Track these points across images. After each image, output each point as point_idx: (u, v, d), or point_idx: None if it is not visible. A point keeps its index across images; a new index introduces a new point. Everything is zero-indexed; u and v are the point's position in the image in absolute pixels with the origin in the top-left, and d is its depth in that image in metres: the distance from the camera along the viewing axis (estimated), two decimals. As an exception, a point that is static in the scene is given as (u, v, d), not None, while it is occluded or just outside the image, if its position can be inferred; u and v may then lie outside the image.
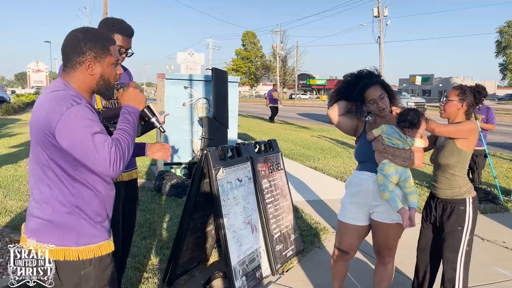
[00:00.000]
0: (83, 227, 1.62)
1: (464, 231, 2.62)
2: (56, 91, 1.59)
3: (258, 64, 68.30)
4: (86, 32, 1.66)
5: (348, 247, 2.76)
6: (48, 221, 1.60)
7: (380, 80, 2.66)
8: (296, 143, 11.57)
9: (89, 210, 1.64)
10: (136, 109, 1.75)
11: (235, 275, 3.00)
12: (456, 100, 2.65)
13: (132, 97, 1.76)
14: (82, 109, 1.53)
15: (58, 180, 1.59)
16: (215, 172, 2.97)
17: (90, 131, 1.50)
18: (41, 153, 1.59)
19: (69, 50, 1.63)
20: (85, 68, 1.63)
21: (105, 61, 1.67)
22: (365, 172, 2.66)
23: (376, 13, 39.24)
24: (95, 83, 1.67)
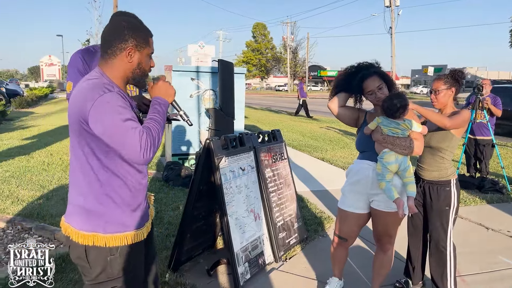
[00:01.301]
0: (112, 216, 1.67)
1: (451, 210, 2.79)
2: (91, 80, 1.63)
3: (269, 56, 68.11)
4: (129, 21, 1.70)
5: (348, 234, 2.81)
6: (80, 207, 1.66)
7: (378, 71, 2.68)
8: (304, 134, 11.59)
9: (119, 199, 1.68)
10: (166, 101, 1.79)
11: (238, 261, 3.08)
12: (445, 89, 2.79)
13: (163, 90, 1.80)
14: (114, 96, 1.57)
15: (90, 168, 1.64)
16: (217, 161, 3.04)
17: (121, 118, 1.54)
18: (76, 141, 1.64)
19: (112, 36, 1.66)
20: (126, 55, 1.67)
21: (143, 50, 1.71)
22: (366, 161, 2.70)
23: (388, 3, 38.76)
24: (131, 71, 1.71)
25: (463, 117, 2.71)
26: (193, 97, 6.29)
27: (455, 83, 2.80)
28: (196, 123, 6.36)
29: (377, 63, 2.75)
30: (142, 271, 1.84)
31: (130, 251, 1.72)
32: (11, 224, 3.99)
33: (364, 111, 2.84)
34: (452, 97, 2.83)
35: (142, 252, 1.80)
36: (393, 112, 2.53)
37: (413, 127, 2.54)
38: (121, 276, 1.72)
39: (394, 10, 38.85)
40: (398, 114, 2.52)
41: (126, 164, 1.68)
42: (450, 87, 2.79)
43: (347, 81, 2.75)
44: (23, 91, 26.99)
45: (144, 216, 1.80)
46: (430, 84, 3.25)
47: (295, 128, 13.10)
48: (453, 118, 2.69)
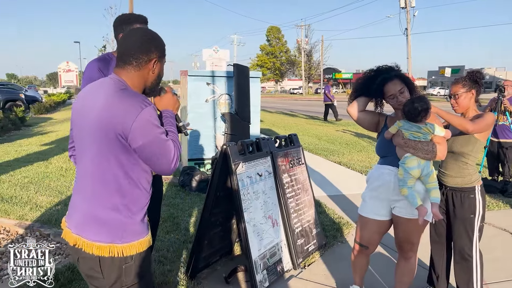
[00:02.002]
0: (129, 225, 1.67)
1: (476, 218, 2.68)
2: (123, 90, 1.63)
3: (283, 59, 68.07)
4: (153, 34, 1.77)
5: (368, 241, 2.74)
6: (96, 217, 1.64)
7: (400, 74, 2.61)
8: (320, 137, 11.49)
9: (136, 209, 1.69)
10: (173, 113, 1.89)
11: (256, 268, 3.03)
12: (464, 92, 2.68)
13: (171, 102, 1.89)
14: (153, 111, 1.62)
15: (114, 179, 1.62)
16: (234, 167, 3.00)
17: (159, 131, 1.61)
18: (104, 152, 1.61)
19: (138, 49, 1.68)
20: (151, 66, 1.71)
21: (163, 61, 1.78)
22: (387, 166, 2.63)
23: (403, 4, 38.43)
24: (151, 81, 1.75)
25: (487, 121, 2.60)
26: (208, 102, 6.27)
27: (474, 84, 2.69)
28: (212, 128, 6.34)
29: (397, 66, 2.67)
30: (152, 274, 1.88)
31: (144, 256, 1.73)
32: (30, 231, 4.01)
33: (385, 115, 2.77)
34: (473, 100, 2.72)
35: (150, 256, 1.83)
36: (414, 116, 2.45)
37: (435, 131, 2.46)
38: (136, 283, 1.72)
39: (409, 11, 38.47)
40: (419, 118, 2.44)
41: (146, 173, 1.70)
42: (469, 89, 2.68)
43: (366, 85, 2.68)
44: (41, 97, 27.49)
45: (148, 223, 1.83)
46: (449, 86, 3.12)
47: (311, 131, 13.00)
48: (476, 122, 2.59)
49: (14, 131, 12.46)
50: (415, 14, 38.52)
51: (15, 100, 19.44)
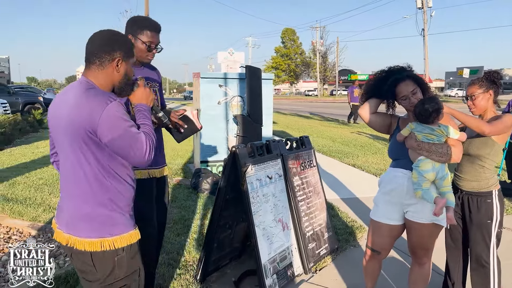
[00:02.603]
0: (117, 219, 1.74)
1: (493, 224, 2.57)
2: (89, 89, 1.70)
3: (298, 61, 67.84)
4: (116, 33, 1.83)
5: (381, 246, 2.67)
6: (84, 215, 1.71)
7: (412, 75, 2.54)
8: (335, 139, 11.38)
9: (121, 202, 1.76)
10: (148, 106, 1.94)
11: (266, 273, 2.98)
12: (481, 92, 2.58)
13: (144, 96, 1.93)
14: (119, 105, 1.68)
15: (93, 176, 1.69)
16: (243, 170, 2.96)
17: (127, 125, 1.66)
18: (78, 150, 1.68)
19: (101, 49, 1.75)
20: (114, 65, 1.76)
21: (129, 61, 1.83)
22: (400, 169, 2.55)
23: (420, 4, 38.00)
24: (118, 80, 1.81)
25: (505, 123, 2.49)
26: (221, 104, 6.25)
27: (492, 85, 2.59)
28: (224, 130, 6.32)
29: (409, 66, 2.60)
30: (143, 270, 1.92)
31: (133, 248, 1.80)
32: (42, 232, 4.04)
33: (397, 117, 2.70)
34: (491, 101, 2.61)
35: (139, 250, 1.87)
36: (426, 117, 2.37)
37: (450, 134, 2.37)
38: (129, 275, 1.80)
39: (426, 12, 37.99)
40: (431, 119, 2.37)
41: (126, 168, 1.78)
42: (487, 90, 2.58)
43: (378, 86, 2.61)
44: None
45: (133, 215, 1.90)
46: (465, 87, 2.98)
47: (325, 133, 12.89)
48: (493, 124, 2.48)
49: (32, 133, 12.66)
50: (432, 14, 38.02)
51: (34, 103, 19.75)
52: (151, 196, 2.64)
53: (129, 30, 2.54)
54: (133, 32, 2.51)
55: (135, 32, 2.51)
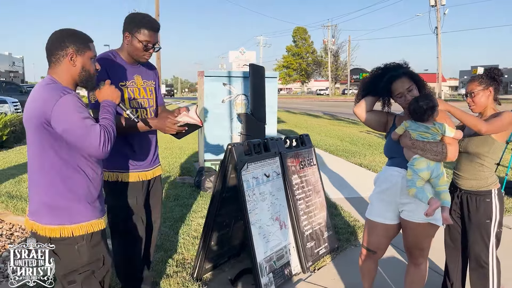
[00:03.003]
0: (75, 208, 1.82)
1: (492, 224, 2.52)
2: (48, 85, 1.80)
3: (309, 60, 67.69)
4: (68, 30, 1.91)
5: (376, 246, 2.63)
6: (44, 204, 1.80)
7: (408, 71, 2.49)
8: (343, 139, 11.31)
9: (80, 192, 1.84)
10: (113, 103, 2.00)
11: (261, 271, 2.96)
12: (481, 89, 2.51)
13: (109, 93, 2.00)
14: (73, 98, 1.76)
15: (52, 166, 1.78)
16: (239, 167, 2.94)
17: (81, 116, 1.72)
18: (38, 142, 1.78)
19: (53, 47, 1.85)
20: (68, 60, 1.84)
21: (85, 54, 1.88)
22: (395, 168, 2.52)
23: (433, 2, 37.51)
24: (78, 74, 1.88)
25: (503, 120, 2.42)
26: (225, 102, 6.25)
27: (492, 81, 2.52)
28: (228, 128, 6.31)
29: (405, 63, 2.55)
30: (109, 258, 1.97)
31: (94, 238, 1.87)
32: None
33: (393, 114, 2.66)
34: (491, 98, 2.54)
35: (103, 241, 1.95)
36: (420, 115, 2.33)
37: (445, 132, 2.32)
38: (92, 262, 1.87)
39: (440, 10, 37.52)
40: (426, 117, 2.32)
41: (87, 160, 1.84)
42: (487, 87, 2.51)
43: (373, 84, 2.57)
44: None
45: (101, 208, 1.97)
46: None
47: (334, 132, 12.82)
48: (491, 122, 2.42)
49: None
50: (445, 12, 37.53)
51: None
52: (140, 197, 2.63)
53: (127, 27, 2.47)
54: (130, 30, 2.44)
55: (132, 30, 2.44)
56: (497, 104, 2.63)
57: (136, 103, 2.57)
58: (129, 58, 2.54)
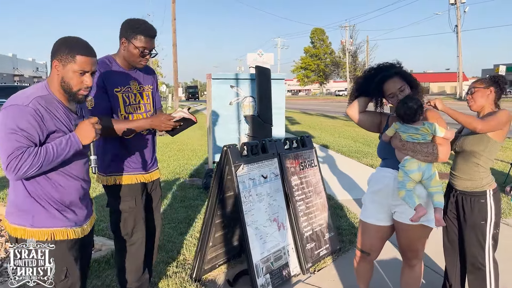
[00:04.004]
0: (38, 212, 1.81)
1: (488, 225, 2.48)
2: (27, 90, 1.81)
3: (327, 61, 67.32)
4: (65, 39, 1.85)
5: (370, 248, 2.61)
6: (13, 203, 1.84)
7: (400, 71, 2.47)
8: (356, 140, 11.21)
9: (46, 198, 1.82)
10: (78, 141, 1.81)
11: (257, 272, 2.97)
12: (482, 87, 2.50)
13: (82, 131, 1.82)
14: (19, 110, 1.68)
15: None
16: (235, 169, 2.96)
17: (8, 131, 1.66)
18: None
19: (50, 53, 1.84)
20: (54, 68, 1.82)
21: (67, 66, 1.79)
22: (387, 169, 2.50)
23: (453, 0, 36.82)
24: (59, 83, 1.82)
25: (499, 119, 2.39)
26: (232, 105, 6.28)
27: (494, 84, 2.52)
28: (236, 130, 6.33)
29: (398, 63, 2.53)
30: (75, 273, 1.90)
31: (59, 246, 1.82)
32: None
33: (387, 114, 2.64)
34: (491, 99, 2.52)
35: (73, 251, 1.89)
36: (409, 116, 2.31)
37: (435, 132, 2.29)
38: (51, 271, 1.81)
39: (459, 7, 36.82)
40: (416, 118, 2.30)
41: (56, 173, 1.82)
42: (488, 87, 2.50)
43: (366, 85, 2.56)
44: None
45: (79, 217, 1.93)
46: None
47: (348, 133, 12.73)
48: (486, 120, 2.39)
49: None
50: (465, 10, 36.81)
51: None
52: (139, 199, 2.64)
53: (123, 33, 2.48)
54: (127, 36, 2.45)
55: (128, 36, 2.45)
56: (497, 108, 2.58)
57: (132, 108, 2.60)
58: (126, 64, 2.56)
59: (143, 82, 2.68)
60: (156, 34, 2.56)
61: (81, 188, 1.95)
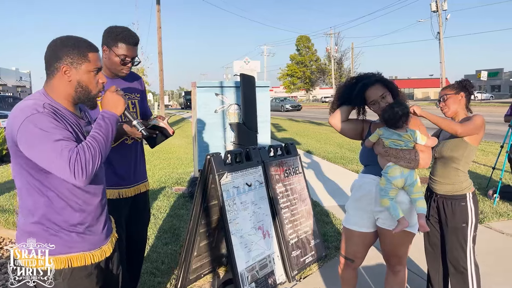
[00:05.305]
0: (51, 238, 1.61)
1: (469, 227, 2.53)
2: (26, 101, 1.59)
3: (313, 68, 67.74)
4: (65, 38, 1.66)
5: (353, 255, 2.61)
6: (20, 229, 1.64)
7: (381, 79, 2.49)
8: (342, 146, 11.27)
9: (60, 220, 1.62)
10: (112, 113, 1.68)
11: (242, 281, 2.95)
12: (453, 93, 2.59)
13: (111, 102, 1.71)
14: (40, 117, 1.50)
15: (29, 190, 1.60)
16: (218, 177, 2.95)
17: (48, 139, 1.47)
18: (15, 164, 1.61)
19: (49, 57, 1.63)
20: (62, 74, 1.62)
21: (81, 67, 1.64)
22: (369, 175, 2.51)
23: (435, 7, 37.50)
24: (73, 90, 1.65)
25: (475, 123, 2.46)
26: (218, 112, 6.27)
27: (463, 89, 2.60)
28: (222, 138, 6.32)
29: (378, 73, 2.56)
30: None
31: (76, 274, 1.63)
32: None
33: (369, 121, 2.65)
34: (462, 104, 2.61)
35: (93, 277, 1.70)
36: (395, 122, 2.33)
37: (417, 139, 2.32)
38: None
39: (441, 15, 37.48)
40: (399, 124, 2.33)
41: (71, 185, 1.60)
42: (458, 92, 2.59)
43: (348, 93, 2.57)
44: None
45: (97, 239, 1.73)
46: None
47: (334, 140, 12.79)
48: (465, 124, 2.46)
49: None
50: (447, 17, 37.45)
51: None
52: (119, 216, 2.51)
53: (104, 41, 2.45)
54: (108, 43, 2.43)
55: (109, 44, 2.42)
56: (469, 112, 2.67)
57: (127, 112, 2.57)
58: (108, 72, 2.51)
59: (128, 90, 2.64)
60: (138, 42, 2.52)
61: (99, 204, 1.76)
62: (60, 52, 1.62)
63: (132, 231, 2.69)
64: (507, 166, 6.06)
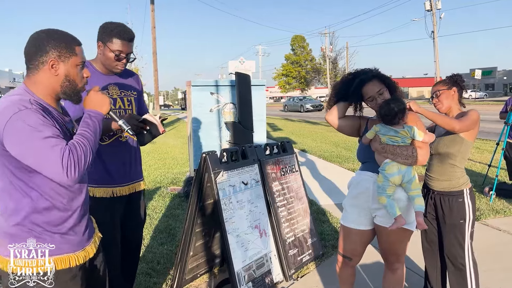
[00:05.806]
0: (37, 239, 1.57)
1: (467, 224, 2.52)
2: (10, 97, 1.53)
3: (308, 68, 67.73)
4: (50, 32, 1.61)
5: (351, 253, 2.59)
6: (1, 232, 1.58)
7: (378, 74, 2.46)
8: (338, 145, 11.27)
9: (44, 222, 1.57)
10: (98, 112, 1.66)
11: (239, 280, 2.92)
12: (446, 89, 2.58)
13: (95, 101, 1.68)
14: (29, 114, 1.44)
15: (11, 190, 1.55)
16: (214, 176, 2.91)
17: (38, 136, 1.42)
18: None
19: (32, 51, 1.57)
20: (49, 68, 1.57)
21: (69, 61, 1.61)
22: (367, 172, 2.49)
23: (429, 6, 37.65)
24: (59, 84, 1.60)
25: (471, 118, 2.45)
26: (213, 111, 6.23)
27: (455, 84, 2.60)
28: (217, 137, 6.29)
29: (375, 69, 2.53)
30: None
31: (62, 276, 1.59)
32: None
33: (366, 118, 2.63)
34: (455, 99, 2.60)
35: (77, 279, 1.65)
36: (391, 118, 2.31)
37: (414, 136, 2.30)
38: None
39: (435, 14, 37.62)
40: (396, 120, 2.30)
41: (56, 184, 1.55)
42: (450, 87, 2.58)
43: (344, 90, 2.54)
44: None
45: (80, 239, 1.69)
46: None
47: (330, 138, 12.79)
48: (462, 120, 2.44)
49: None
50: (441, 16, 37.60)
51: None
52: (113, 215, 2.50)
53: (99, 36, 2.42)
54: (103, 39, 2.40)
55: (104, 40, 2.39)
56: (462, 106, 2.66)
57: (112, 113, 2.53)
58: (103, 68, 2.48)
59: (124, 87, 2.59)
60: (134, 38, 2.49)
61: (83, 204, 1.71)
62: (46, 45, 1.56)
63: (127, 231, 2.66)
64: (502, 163, 6.07)
